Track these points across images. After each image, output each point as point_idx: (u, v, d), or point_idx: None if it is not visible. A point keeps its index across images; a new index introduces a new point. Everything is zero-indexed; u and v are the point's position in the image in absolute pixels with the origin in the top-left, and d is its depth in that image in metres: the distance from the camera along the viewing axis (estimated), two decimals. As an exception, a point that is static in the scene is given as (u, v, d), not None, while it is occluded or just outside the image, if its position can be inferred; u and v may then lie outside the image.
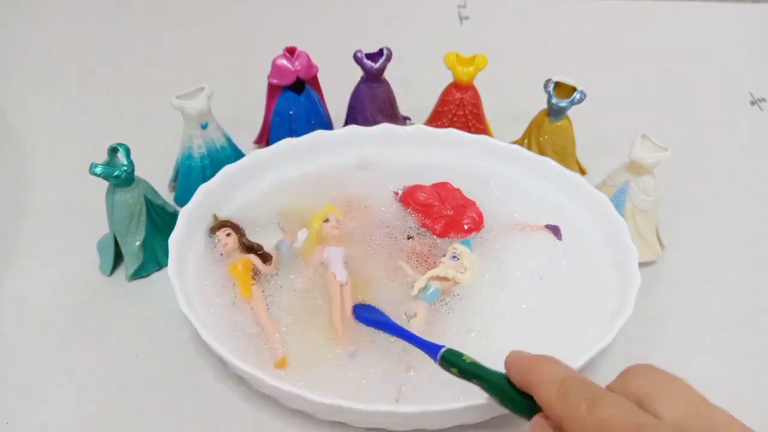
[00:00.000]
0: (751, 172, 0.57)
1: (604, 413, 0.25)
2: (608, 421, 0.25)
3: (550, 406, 0.27)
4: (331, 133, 0.50)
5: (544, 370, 0.29)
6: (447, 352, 0.33)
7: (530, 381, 0.29)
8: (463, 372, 0.32)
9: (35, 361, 0.41)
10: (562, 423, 0.27)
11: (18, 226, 0.50)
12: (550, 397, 0.27)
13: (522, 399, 0.30)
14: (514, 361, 0.30)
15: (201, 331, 0.36)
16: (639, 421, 0.24)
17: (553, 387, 0.27)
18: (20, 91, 0.65)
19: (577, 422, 0.26)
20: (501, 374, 0.31)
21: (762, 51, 0.74)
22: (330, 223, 0.44)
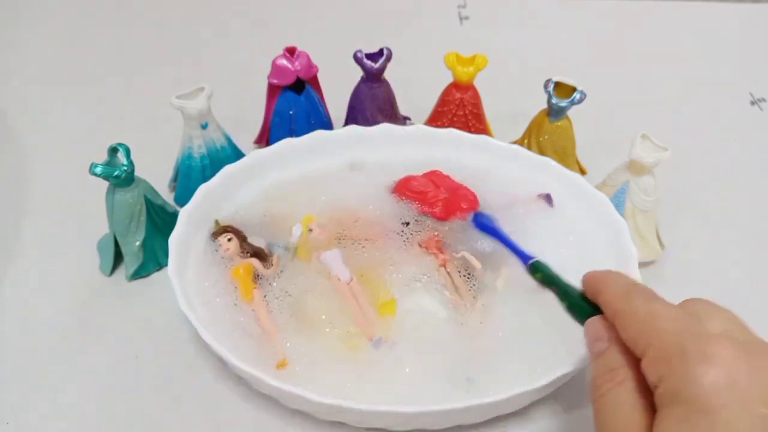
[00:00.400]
0: (751, 172, 0.57)
1: (658, 307, 0.28)
2: (659, 312, 0.27)
3: (611, 303, 0.30)
4: (331, 133, 0.50)
5: (613, 278, 0.31)
6: (536, 261, 0.38)
7: (600, 287, 0.31)
8: (546, 278, 0.36)
9: (35, 361, 0.41)
10: (617, 318, 0.29)
11: (18, 226, 0.50)
12: (615, 296, 0.30)
13: (587, 306, 0.32)
14: (589, 275, 0.33)
15: (201, 331, 0.36)
16: (687, 319, 0.27)
17: (619, 289, 0.30)
18: (20, 91, 0.65)
19: (632, 313, 0.28)
20: (575, 287, 0.34)
21: (762, 51, 0.74)
22: (314, 231, 0.44)
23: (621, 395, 0.27)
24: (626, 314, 0.28)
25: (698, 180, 0.55)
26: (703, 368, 0.24)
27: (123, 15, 0.76)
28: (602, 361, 0.29)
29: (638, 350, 0.27)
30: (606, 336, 0.29)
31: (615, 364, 0.28)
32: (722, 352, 0.24)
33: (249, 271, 0.42)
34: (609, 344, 0.29)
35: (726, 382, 0.24)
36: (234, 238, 0.43)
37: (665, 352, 0.25)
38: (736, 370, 0.24)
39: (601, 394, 0.28)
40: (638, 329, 0.27)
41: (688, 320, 0.27)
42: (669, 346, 0.26)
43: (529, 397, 0.36)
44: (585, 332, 0.31)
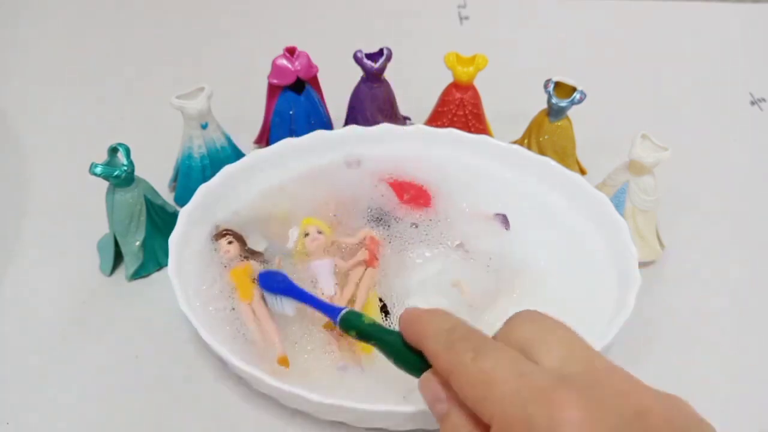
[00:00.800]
0: (751, 172, 0.57)
1: (489, 364, 0.25)
2: (491, 372, 0.25)
3: (437, 359, 0.27)
4: (332, 133, 0.50)
5: (432, 322, 0.29)
6: (348, 313, 0.34)
7: (419, 334, 0.29)
8: (361, 333, 0.33)
9: (35, 361, 0.41)
10: (448, 376, 0.27)
11: (18, 226, 0.50)
12: (438, 349, 0.27)
13: (415, 357, 0.29)
14: (406, 317, 0.30)
15: (201, 331, 0.36)
16: (521, 370, 0.24)
17: (441, 338, 0.27)
18: (20, 91, 0.65)
19: (463, 374, 0.26)
20: (396, 333, 0.31)
21: (762, 51, 0.74)
22: (310, 236, 0.43)
23: None
24: (457, 375, 0.26)
25: (698, 180, 0.55)
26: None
27: (123, 15, 0.76)
28: (449, 425, 0.27)
29: (484, 419, 0.25)
30: (443, 396, 0.27)
31: (461, 428, 0.26)
32: (570, 411, 0.22)
33: (248, 272, 0.41)
34: (449, 404, 0.27)
35: None
36: (234, 241, 0.43)
37: (511, 427, 0.23)
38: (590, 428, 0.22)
39: None
40: (475, 395, 0.25)
41: (524, 373, 0.24)
42: (513, 418, 0.23)
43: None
44: (421, 391, 0.28)
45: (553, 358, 0.25)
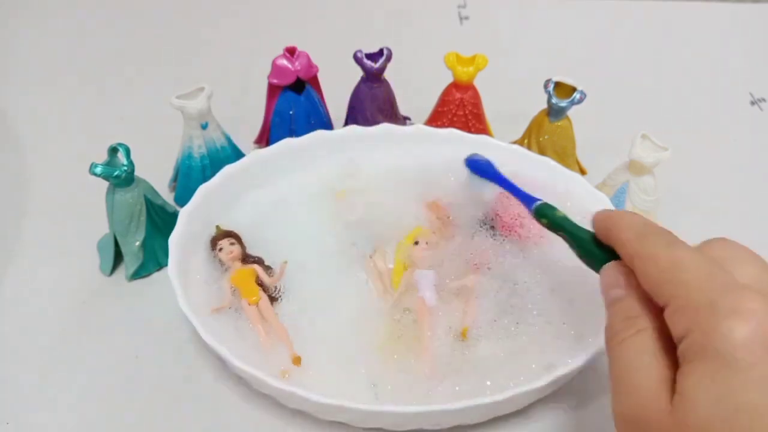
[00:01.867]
0: (751, 172, 0.57)
1: (681, 253, 0.26)
2: (683, 259, 0.25)
3: (629, 245, 0.28)
4: (331, 133, 0.50)
5: (627, 217, 0.29)
6: (542, 204, 0.36)
7: (612, 227, 0.29)
8: (552, 223, 0.35)
9: (35, 361, 0.41)
10: (634, 262, 0.27)
11: (18, 226, 0.50)
12: (630, 237, 0.28)
13: (600, 252, 0.31)
14: (601, 213, 0.31)
15: (201, 331, 0.36)
16: (713, 267, 0.25)
17: (633, 229, 0.28)
18: (20, 91, 0.65)
19: (652, 258, 0.26)
20: (587, 230, 0.32)
21: (762, 51, 0.74)
22: (419, 246, 0.43)
23: (641, 344, 0.26)
24: (645, 260, 0.27)
25: (698, 180, 0.55)
26: (733, 323, 0.22)
27: (123, 15, 0.76)
28: (619, 308, 0.27)
29: (661, 299, 0.25)
30: (623, 283, 0.28)
31: (634, 312, 0.27)
32: (753, 306, 0.23)
33: (252, 274, 0.41)
34: (627, 291, 0.27)
35: (757, 338, 0.22)
36: (236, 243, 0.43)
37: (692, 305, 0.24)
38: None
39: (619, 342, 0.26)
40: (660, 278, 0.26)
41: (715, 270, 0.25)
42: (696, 298, 0.24)
43: (529, 397, 0.36)
44: (600, 279, 0.29)
45: (744, 273, 0.25)
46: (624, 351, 0.26)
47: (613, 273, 0.29)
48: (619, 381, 0.26)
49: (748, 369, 0.22)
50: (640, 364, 0.25)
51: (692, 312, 0.24)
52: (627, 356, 0.26)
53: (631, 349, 0.26)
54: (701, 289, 0.24)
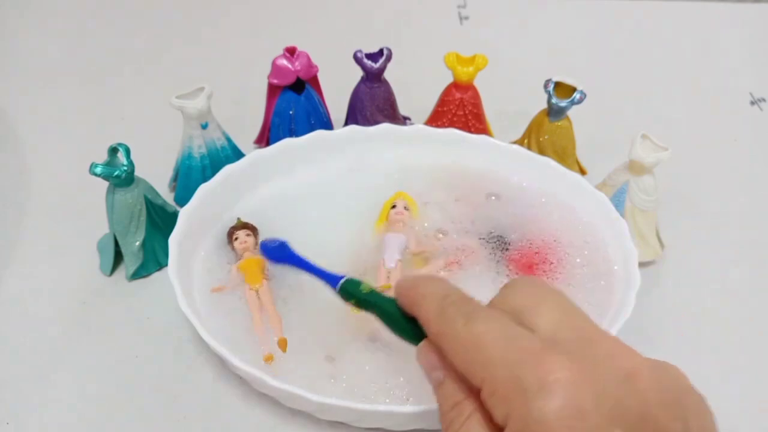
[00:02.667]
0: (751, 172, 0.57)
1: (480, 328, 0.25)
2: (482, 336, 0.24)
3: (430, 324, 0.27)
4: (331, 133, 0.50)
5: (426, 289, 0.28)
6: (347, 282, 0.33)
7: (414, 300, 0.28)
8: (360, 302, 0.32)
9: (35, 361, 0.41)
10: (439, 341, 0.26)
11: (18, 226, 0.50)
12: (430, 315, 0.27)
13: (410, 325, 0.29)
14: (401, 283, 0.30)
15: (201, 331, 0.36)
16: (511, 334, 0.24)
17: (434, 304, 0.27)
18: (20, 91, 0.65)
19: (453, 339, 0.25)
20: (393, 300, 0.30)
21: (762, 51, 0.74)
22: (396, 209, 0.45)
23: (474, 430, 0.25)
24: (448, 339, 0.26)
25: (698, 180, 0.55)
26: (544, 402, 0.22)
27: (123, 15, 0.76)
28: (443, 393, 0.26)
29: (474, 383, 0.25)
30: (439, 364, 0.27)
31: (457, 396, 0.26)
32: (559, 374, 0.22)
33: (261, 265, 0.42)
34: (445, 372, 0.27)
35: (570, 410, 0.22)
36: (252, 234, 0.44)
37: (501, 386, 0.23)
38: (579, 393, 0.22)
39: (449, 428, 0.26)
40: (465, 359, 0.25)
41: (514, 337, 0.24)
42: (502, 379, 0.23)
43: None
44: (418, 361, 0.28)
45: (545, 322, 0.25)
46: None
47: (427, 354, 0.28)
48: None
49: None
50: None
51: (504, 397, 0.23)
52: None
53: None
54: (505, 366, 0.23)
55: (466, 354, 0.25)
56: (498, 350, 0.24)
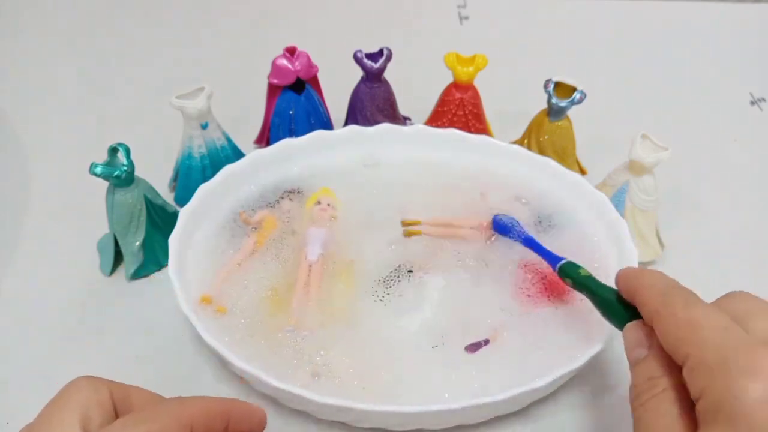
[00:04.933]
0: (751, 172, 0.57)
1: (698, 313, 0.26)
2: (700, 320, 0.26)
3: (649, 306, 0.29)
4: (331, 133, 0.50)
5: (651, 277, 0.30)
6: (566, 264, 0.37)
7: (636, 286, 0.30)
8: (576, 283, 0.36)
9: (35, 361, 0.41)
10: (654, 321, 0.28)
11: (18, 226, 0.50)
12: (652, 296, 0.29)
13: (624, 312, 0.31)
14: (625, 271, 0.32)
15: (201, 331, 0.36)
16: (728, 326, 0.25)
17: (656, 289, 0.29)
18: (20, 91, 0.65)
19: (671, 317, 0.27)
20: (610, 288, 0.33)
21: (762, 51, 0.74)
22: (321, 205, 0.46)
23: (662, 406, 0.26)
24: (664, 319, 0.27)
25: (698, 180, 0.55)
26: (747, 382, 0.23)
27: (123, 15, 0.76)
28: (642, 368, 0.28)
29: (678, 358, 0.26)
30: (645, 342, 0.29)
31: (656, 372, 0.27)
32: (764, 362, 0.23)
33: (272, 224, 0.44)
34: (649, 351, 0.28)
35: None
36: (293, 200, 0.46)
37: (706, 363, 0.24)
38: None
39: (641, 404, 0.27)
40: (678, 336, 0.26)
41: (730, 328, 0.25)
42: (710, 357, 0.24)
43: (529, 397, 0.36)
44: (624, 338, 0.30)
45: (761, 328, 0.26)
46: (645, 412, 0.27)
47: (636, 332, 0.30)
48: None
49: (764, 429, 0.22)
50: (661, 427, 0.25)
51: (707, 371, 0.24)
52: (648, 418, 0.26)
53: (652, 411, 0.26)
54: (716, 347, 0.24)
55: (679, 332, 0.26)
56: (711, 333, 0.25)
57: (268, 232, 0.45)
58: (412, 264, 0.43)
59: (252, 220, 0.45)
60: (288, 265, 0.43)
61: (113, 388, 0.28)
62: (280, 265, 0.43)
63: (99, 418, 0.27)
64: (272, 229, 0.45)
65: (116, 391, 0.28)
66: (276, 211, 0.46)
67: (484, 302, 0.40)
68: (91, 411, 0.26)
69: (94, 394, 0.27)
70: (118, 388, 0.28)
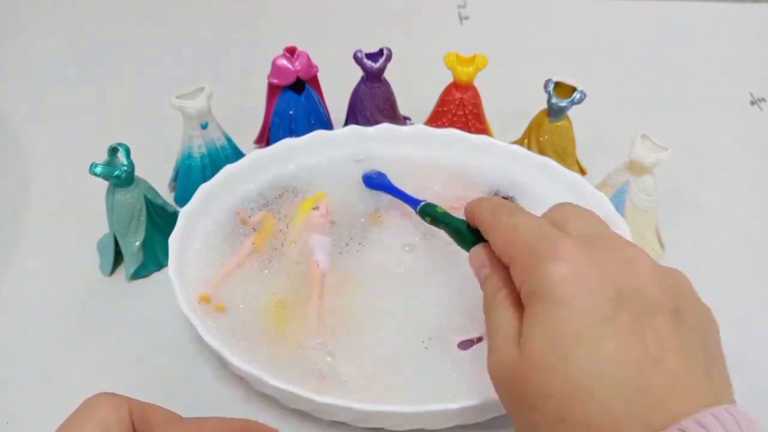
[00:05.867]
0: (751, 172, 0.57)
1: (518, 219, 0.30)
2: (519, 225, 0.29)
3: (482, 223, 0.32)
4: (331, 133, 0.50)
5: (485, 200, 0.34)
6: (425, 204, 0.41)
7: (474, 209, 0.34)
8: (435, 220, 0.39)
9: (35, 361, 0.41)
10: (488, 233, 0.32)
11: (18, 226, 0.50)
12: (484, 214, 0.32)
13: (473, 237, 0.34)
14: (470, 202, 0.35)
15: (201, 331, 0.36)
16: (542, 225, 0.29)
17: (488, 208, 0.32)
18: (20, 91, 0.65)
19: (498, 227, 0.31)
20: (461, 220, 0.36)
21: (762, 51, 0.74)
22: (319, 211, 0.45)
23: (502, 306, 0.29)
24: (493, 230, 0.31)
25: (698, 180, 0.55)
26: (552, 265, 0.26)
27: (123, 15, 0.76)
28: (489, 284, 0.31)
29: (506, 263, 0.29)
30: (488, 262, 0.31)
31: (497, 284, 0.30)
32: (567, 249, 0.26)
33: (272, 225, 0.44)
34: (491, 269, 0.31)
35: (572, 274, 0.26)
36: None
37: (522, 258, 0.28)
38: (580, 263, 0.26)
39: (490, 311, 0.30)
40: (503, 242, 0.30)
41: (544, 227, 0.29)
42: (525, 252, 0.28)
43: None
44: (470, 260, 0.33)
45: (573, 227, 0.29)
46: (491, 314, 0.29)
47: (480, 253, 0.32)
48: (490, 345, 0.29)
49: (568, 302, 0.25)
50: (500, 323, 0.28)
51: (523, 265, 0.28)
52: (492, 319, 0.29)
53: (495, 312, 0.29)
54: (529, 243, 0.28)
55: (504, 238, 0.30)
56: (527, 234, 0.29)
57: (267, 233, 0.44)
58: (413, 264, 0.43)
59: (250, 221, 0.45)
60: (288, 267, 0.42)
61: (133, 407, 0.28)
62: (281, 268, 0.42)
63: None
64: (271, 230, 0.44)
65: (136, 409, 0.28)
66: (274, 212, 0.46)
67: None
68: (111, 429, 0.27)
69: (114, 412, 0.27)
70: (138, 406, 0.28)
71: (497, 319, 0.29)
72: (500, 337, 0.28)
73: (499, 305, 0.29)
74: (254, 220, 0.45)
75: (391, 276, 0.42)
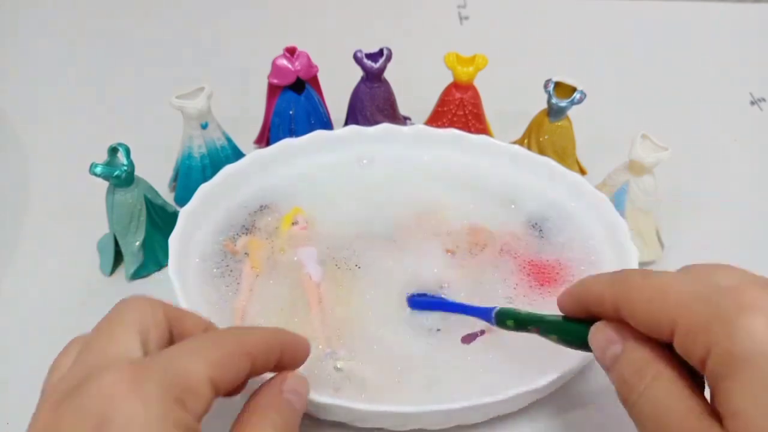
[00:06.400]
0: (752, 172, 0.57)
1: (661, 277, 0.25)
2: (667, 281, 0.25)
3: (605, 298, 0.27)
4: (331, 133, 0.50)
5: (589, 280, 0.29)
6: (500, 310, 0.35)
7: (580, 294, 0.29)
8: (519, 323, 0.34)
9: (35, 361, 0.41)
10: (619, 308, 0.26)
11: (18, 226, 0.50)
12: (603, 289, 0.27)
13: (579, 327, 0.30)
14: (562, 295, 0.31)
15: (201, 331, 0.36)
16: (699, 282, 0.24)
17: (602, 282, 0.27)
18: (20, 91, 0.65)
19: (635, 292, 0.25)
20: (554, 315, 0.32)
21: (762, 51, 0.74)
22: (299, 224, 0.45)
23: (662, 389, 0.24)
24: (628, 296, 0.25)
25: (698, 180, 0.55)
26: (748, 319, 0.21)
27: (123, 15, 0.76)
28: (623, 364, 0.26)
29: (663, 331, 0.24)
30: (617, 337, 0.26)
31: (641, 361, 0.25)
32: (755, 297, 0.22)
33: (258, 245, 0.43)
34: (623, 344, 0.26)
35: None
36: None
37: (699, 319, 0.23)
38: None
39: (636, 401, 0.25)
40: (651, 308, 0.24)
41: (699, 280, 0.24)
42: (699, 312, 0.23)
43: (529, 397, 0.36)
44: (591, 345, 0.28)
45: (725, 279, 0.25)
46: (646, 404, 0.24)
47: (603, 332, 0.27)
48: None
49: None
50: (671, 408, 0.23)
51: (702, 326, 0.22)
52: (652, 406, 0.24)
53: (651, 402, 0.24)
54: (700, 297, 0.23)
55: (651, 303, 0.24)
56: (689, 287, 0.24)
57: (258, 253, 0.43)
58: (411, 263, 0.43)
59: (238, 249, 0.43)
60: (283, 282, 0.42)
61: (168, 311, 0.27)
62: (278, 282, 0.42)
63: (156, 338, 0.26)
64: (260, 250, 0.43)
65: (171, 313, 0.27)
66: (256, 232, 0.44)
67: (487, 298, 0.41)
68: (149, 330, 0.26)
69: (151, 314, 0.26)
70: (173, 310, 0.28)
71: (665, 403, 0.23)
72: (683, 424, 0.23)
73: (659, 385, 0.24)
74: (240, 247, 0.44)
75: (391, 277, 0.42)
